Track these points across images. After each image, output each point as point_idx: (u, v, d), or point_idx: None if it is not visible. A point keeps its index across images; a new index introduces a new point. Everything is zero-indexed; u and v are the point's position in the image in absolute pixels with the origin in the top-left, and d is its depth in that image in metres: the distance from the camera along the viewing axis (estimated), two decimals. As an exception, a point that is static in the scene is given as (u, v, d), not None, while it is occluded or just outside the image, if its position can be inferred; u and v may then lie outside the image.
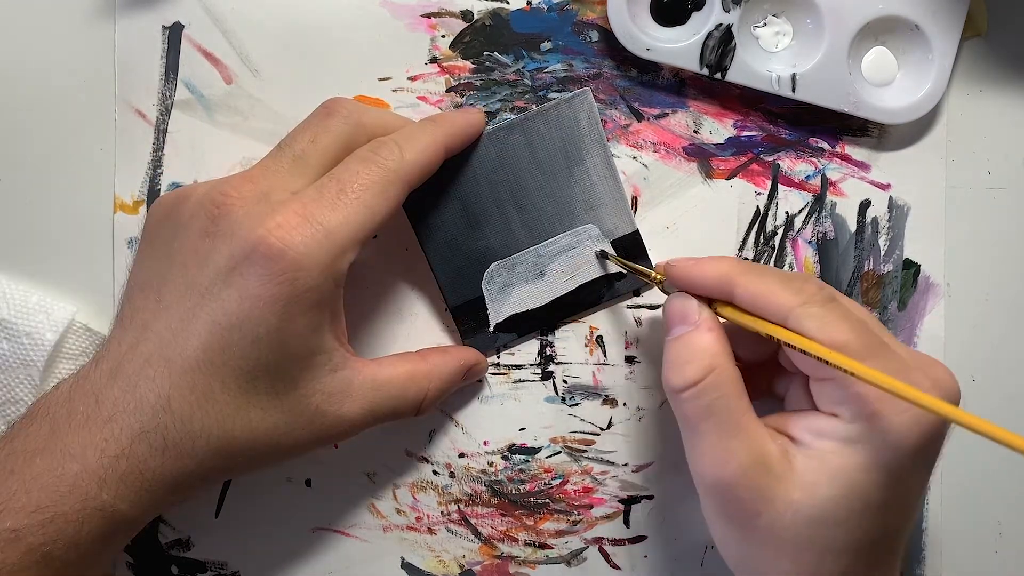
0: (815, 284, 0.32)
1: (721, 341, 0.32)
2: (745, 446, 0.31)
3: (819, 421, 0.31)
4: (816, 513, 0.30)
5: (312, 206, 0.31)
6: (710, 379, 0.31)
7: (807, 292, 0.31)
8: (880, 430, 0.29)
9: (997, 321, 0.41)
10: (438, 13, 0.39)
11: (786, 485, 0.30)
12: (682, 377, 0.32)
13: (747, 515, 0.31)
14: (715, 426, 0.31)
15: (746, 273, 0.32)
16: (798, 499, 0.30)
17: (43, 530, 0.30)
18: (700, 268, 0.33)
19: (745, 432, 0.31)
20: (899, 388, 0.28)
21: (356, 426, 0.33)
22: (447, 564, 0.40)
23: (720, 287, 0.32)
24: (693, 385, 0.31)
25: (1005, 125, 0.41)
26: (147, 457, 0.31)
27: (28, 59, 0.38)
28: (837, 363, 0.29)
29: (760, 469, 0.30)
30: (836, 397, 0.30)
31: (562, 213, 0.38)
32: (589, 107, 0.38)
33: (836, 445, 0.30)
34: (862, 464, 0.29)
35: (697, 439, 0.32)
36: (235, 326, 0.30)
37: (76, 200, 0.38)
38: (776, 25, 0.39)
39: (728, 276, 0.32)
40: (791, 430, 0.32)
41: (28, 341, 0.37)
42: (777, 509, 0.30)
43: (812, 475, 0.30)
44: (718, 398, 0.31)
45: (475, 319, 0.38)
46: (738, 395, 0.31)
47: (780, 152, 0.40)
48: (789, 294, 0.31)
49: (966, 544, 0.41)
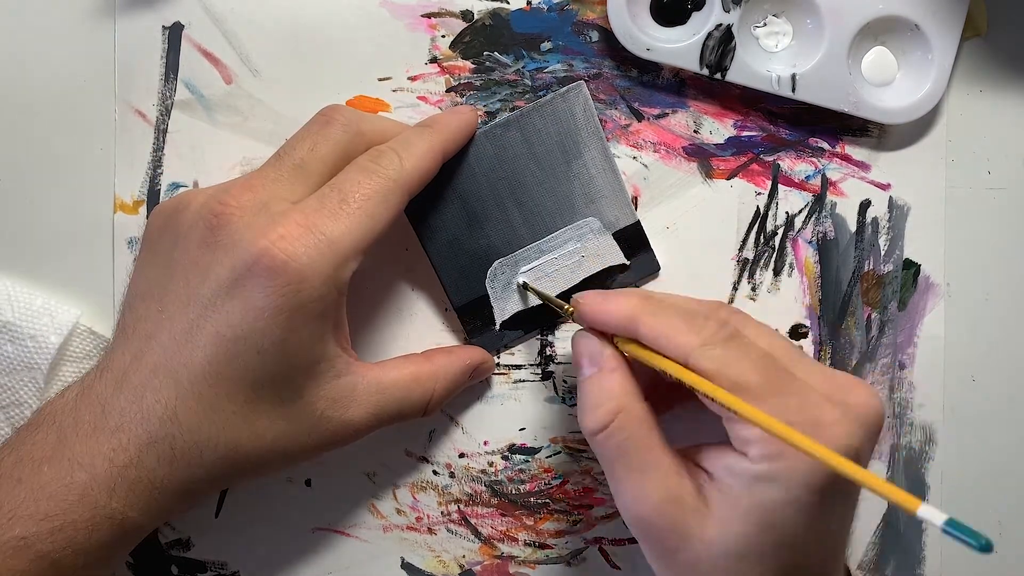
0: (717, 321, 0.31)
1: (626, 381, 0.32)
2: (658, 484, 0.31)
3: (730, 458, 0.31)
4: (731, 549, 0.30)
5: (314, 216, 0.31)
6: (618, 421, 0.31)
7: (708, 331, 0.31)
8: (786, 469, 0.29)
9: (997, 321, 0.41)
10: (438, 13, 0.39)
11: (700, 521, 0.30)
12: (593, 420, 0.32)
13: (667, 550, 0.31)
14: (628, 466, 0.31)
15: (648, 313, 0.32)
16: (713, 535, 0.30)
17: (52, 538, 0.30)
18: (605, 305, 0.33)
19: (657, 471, 0.31)
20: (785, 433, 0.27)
21: (362, 430, 0.34)
22: (447, 564, 0.40)
23: (624, 325, 0.32)
24: (604, 428, 0.32)
25: (1005, 125, 0.41)
26: (155, 467, 0.31)
27: (28, 59, 0.38)
28: (732, 406, 0.29)
29: (674, 506, 0.30)
30: (743, 436, 0.30)
31: (562, 208, 0.38)
32: (584, 100, 0.38)
33: (746, 483, 0.30)
34: (772, 502, 0.29)
35: (614, 478, 0.32)
36: (240, 338, 0.30)
37: (76, 200, 0.38)
38: (776, 25, 0.39)
39: (632, 315, 0.32)
40: (707, 464, 0.32)
41: (32, 344, 0.37)
42: (694, 545, 0.30)
43: (726, 511, 0.30)
44: (626, 439, 0.31)
45: (480, 318, 0.38)
46: (647, 433, 0.32)
47: (780, 152, 0.40)
48: (690, 334, 0.31)
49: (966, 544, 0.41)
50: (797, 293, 0.40)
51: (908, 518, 0.41)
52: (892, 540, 0.41)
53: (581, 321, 0.34)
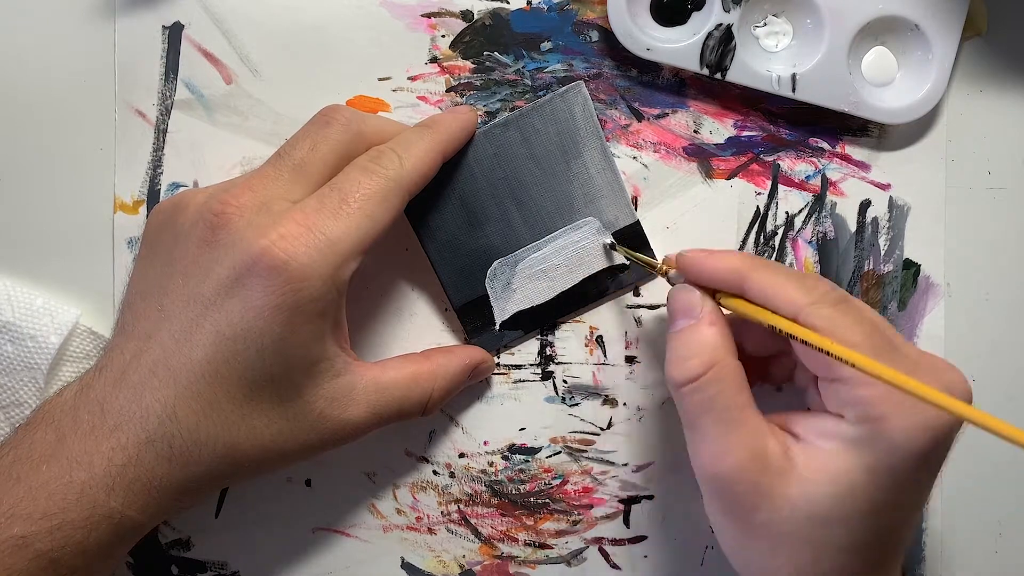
0: (828, 284, 0.31)
1: (724, 335, 0.32)
2: (744, 441, 0.30)
3: (824, 421, 0.31)
4: (815, 511, 0.30)
5: (314, 216, 0.31)
6: (711, 374, 0.31)
7: (819, 291, 0.31)
8: (885, 433, 0.29)
9: (997, 321, 0.41)
10: (438, 13, 0.39)
11: (785, 482, 0.30)
12: (683, 371, 0.31)
13: (744, 510, 0.31)
14: (715, 421, 0.31)
15: (758, 268, 0.32)
16: (797, 496, 0.30)
17: (51, 537, 0.30)
18: (712, 260, 0.33)
19: (745, 428, 0.31)
20: (910, 385, 0.27)
21: (361, 429, 0.34)
22: (447, 564, 0.40)
23: (731, 280, 0.32)
24: (694, 380, 0.31)
25: (1005, 125, 0.41)
26: (154, 465, 0.31)
27: (28, 59, 0.38)
28: (849, 359, 0.29)
29: (759, 465, 0.30)
30: (843, 398, 0.30)
31: (562, 207, 0.38)
32: (583, 100, 0.38)
33: (840, 446, 0.30)
34: (865, 466, 0.29)
35: (697, 433, 0.32)
36: (239, 337, 0.30)
37: (76, 200, 0.38)
38: (776, 25, 0.39)
39: (740, 270, 0.32)
40: (795, 428, 0.31)
41: (32, 344, 0.37)
42: (775, 505, 0.30)
43: (813, 473, 0.30)
44: (718, 393, 0.31)
45: (480, 318, 0.38)
46: (739, 390, 0.31)
47: (780, 152, 0.40)
48: (801, 292, 0.31)
49: (966, 544, 0.41)
50: (797, 293, 0.40)
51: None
52: (892, 540, 0.41)
53: (684, 275, 0.34)
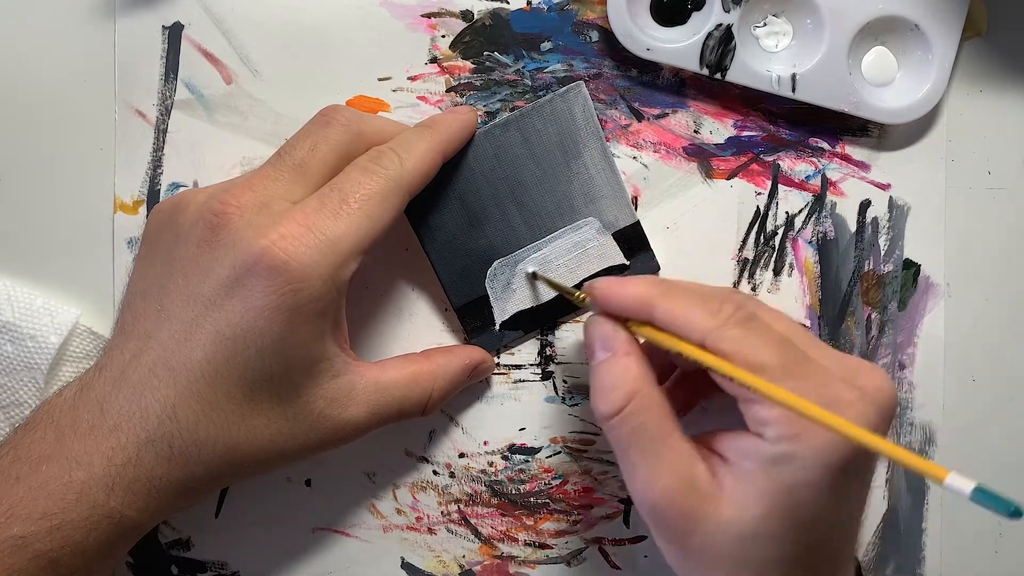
0: (733, 303, 0.31)
1: (641, 365, 0.32)
2: (671, 469, 0.31)
3: (745, 441, 0.31)
4: (746, 531, 0.30)
5: (314, 216, 0.31)
6: (633, 405, 0.31)
7: (724, 313, 0.31)
8: (803, 450, 0.29)
9: (997, 321, 0.41)
10: (438, 13, 0.39)
11: (715, 505, 0.30)
12: (606, 404, 0.32)
13: (680, 534, 0.31)
14: (641, 450, 0.31)
15: (665, 295, 0.32)
16: (728, 518, 0.30)
17: (50, 537, 0.30)
18: (620, 289, 0.33)
19: (671, 455, 0.31)
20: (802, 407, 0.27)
21: (360, 429, 0.34)
22: (447, 564, 0.40)
23: (639, 309, 0.32)
24: (618, 412, 0.31)
25: (1005, 125, 0.41)
26: (154, 465, 0.31)
27: (28, 59, 0.38)
28: (750, 384, 0.29)
29: (687, 490, 0.30)
30: (760, 418, 0.30)
31: (562, 208, 0.38)
32: (583, 100, 0.38)
33: (762, 465, 0.30)
34: (788, 484, 0.29)
35: (627, 463, 0.32)
36: (239, 337, 0.30)
37: (76, 200, 0.38)
38: (776, 25, 0.39)
39: (646, 298, 0.32)
40: (721, 449, 0.32)
41: (32, 344, 0.37)
42: (708, 528, 0.30)
43: (740, 495, 0.30)
44: (642, 424, 0.31)
45: (480, 318, 0.38)
46: (662, 418, 0.31)
47: (780, 152, 0.40)
48: (706, 316, 0.31)
49: (966, 544, 0.41)
50: (797, 293, 0.40)
51: (908, 518, 0.41)
52: (892, 540, 0.41)
53: (595, 305, 0.34)
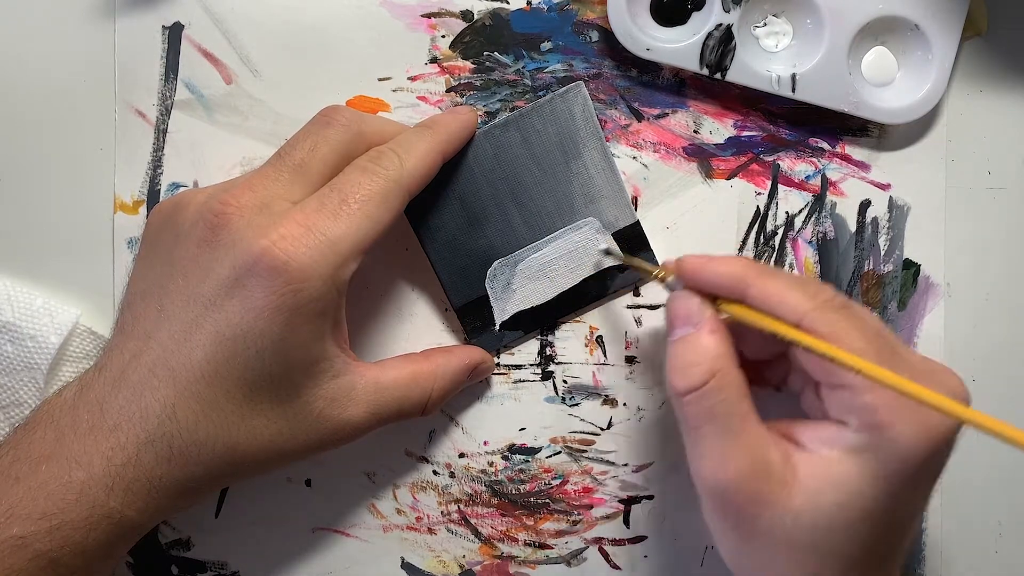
0: (830, 290, 0.31)
1: (725, 343, 0.32)
2: (745, 451, 0.30)
3: (826, 429, 0.31)
4: (817, 519, 0.30)
5: (314, 217, 0.31)
6: (713, 383, 0.31)
7: (822, 297, 0.31)
8: (887, 440, 0.29)
9: (997, 321, 0.41)
10: (438, 13, 0.39)
11: (787, 490, 0.30)
12: (686, 380, 0.31)
13: (746, 518, 0.31)
14: (716, 430, 0.31)
15: (761, 274, 0.32)
16: (799, 505, 0.30)
17: (50, 537, 0.30)
18: (712, 266, 0.32)
19: (746, 436, 0.31)
20: (917, 390, 0.27)
21: (360, 429, 0.34)
22: (447, 564, 0.40)
23: (732, 287, 0.32)
24: (697, 388, 0.31)
25: (1005, 125, 0.41)
26: (154, 465, 0.31)
27: (28, 59, 0.38)
28: (856, 366, 0.29)
29: (760, 474, 0.30)
30: (845, 405, 0.30)
31: (562, 208, 0.38)
32: (583, 100, 0.38)
33: (842, 454, 0.30)
34: (867, 474, 0.29)
35: (698, 442, 0.31)
36: (239, 337, 0.30)
37: (76, 200, 0.38)
38: (776, 25, 0.39)
39: (742, 276, 0.32)
40: (797, 436, 0.31)
41: (32, 344, 0.37)
42: (777, 514, 0.30)
43: (815, 482, 0.30)
44: (720, 402, 0.31)
45: (480, 318, 0.38)
46: (740, 399, 0.31)
47: (780, 152, 0.40)
48: (804, 298, 0.31)
49: (966, 544, 0.41)
50: (797, 293, 0.40)
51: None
52: (892, 540, 0.41)
53: (678, 283, 0.34)
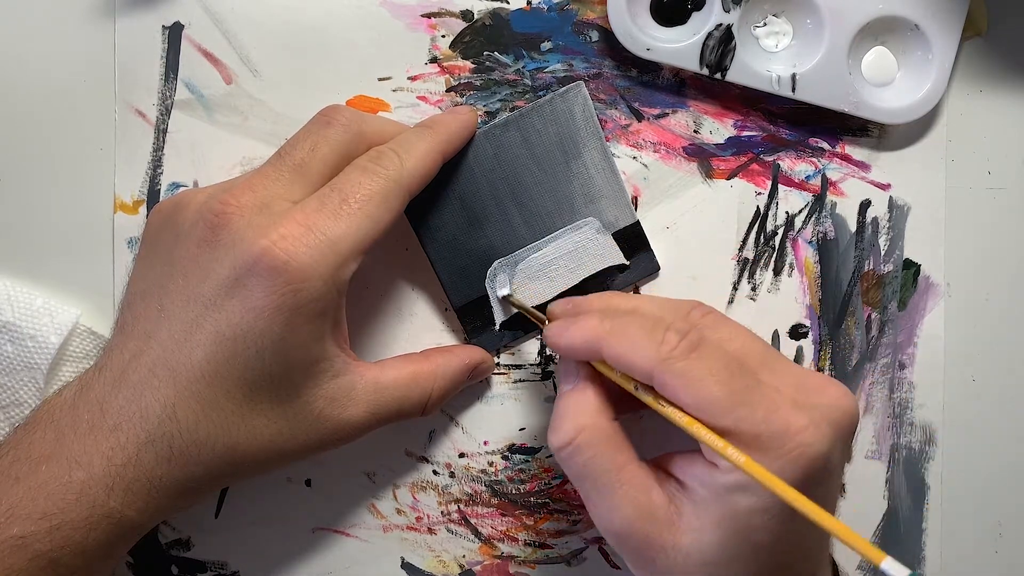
0: (677, 331, 0.30)
1: (597, 398, 0.32)
2: (627, 500, 0.31)
3: (700, 468, 0.31)
4: (707, 557, 0.30)
5: (314, 216, 0.31)
6: (581, 438, 0.31)
7: (668, 345, 0.30)
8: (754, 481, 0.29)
9: (997, 321, 0.41)
10: (438, 13, 0.39)
11: (673, 532, 0.30)
12: (556, 437, 0.32)
13: (644, 561, 0.31)
14: (595, 483, 0.31)
15: (611, 333, 0.31)
16: (687, 544, 0.30)
17: (50, 537, 0.30)
18: (568, 335, 0.32)
19: (626, 486, 0.31)
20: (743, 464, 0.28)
21: (360, 429, 0.34)
22: (447, 564, 0.40)
23: (589, 351, 0.32)
24: (566, 445, 0.31)
25: (1005, 125, 0.41)
26: (154, 465, 0.31)
27: (28, 59, 0.38)
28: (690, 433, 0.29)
29: (646, 519, 0.30)
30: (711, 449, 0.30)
31: (562, 208, 0.38)
32: (583, 100, 0.38)
33: (718, 493, 0.30)
34: (744, 510, 0.29)
35: (584, 495, 0.32)
36: (239, 337, 0.30)
37: (76, 200, 0.38)
38: (776, 25, 0.39)
39: (593, 339, 0.32)
40: (678, 474, 0.31)
41: (32, 344, 0.37)
42: (668, 555, 0.30)
43: (698, 521, 0.30)
44: (592, 457, 0.31)
45: (480, 318, 0.38)
46: (615, 450, 0.31)
47: (780, 152, 0.40)
48: (651, 350, 0.30)
49: (966, 544, 0.41)
50: (797, 293, 0.40)
51: (908, 518, 0.41)
52: (892, 540, 0.41)
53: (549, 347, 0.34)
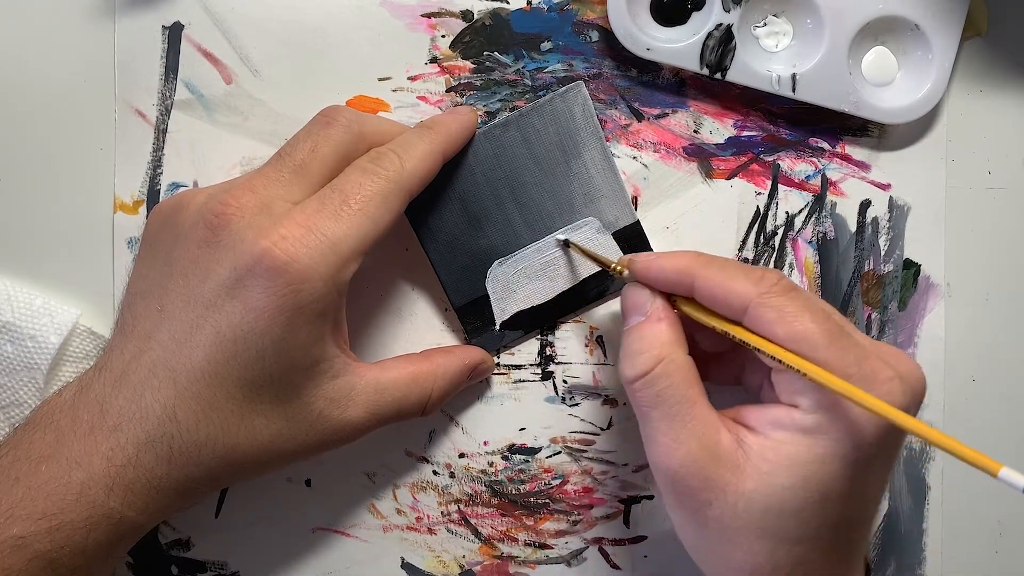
0: (775, 274, 0.31)
1: (672, 330, 0.32)
2: (695, 435, 0.30)
3: (778, 411, 0.30)
4: (770, 503, 0.29)
5: (315, 217, 0.31)
6: (659, 368, 0.31)
7: (768, 281, 0.31)
8: (839, 421, 0.29)
9: (997, 321, 0.41)
10: (438, 13, 0.39)
11: (738, 474, 0.30)
12: (633, 367, 0.32)
13: (699, 504, 0.30)
14: (664, 415, 0.31)
15: (706, 266, 0.32)
16: (751, 489, 0.30)
17: (50, 537, 0.30)
18: (660, 262, 0.33)
19: (695, 421, 0.31)
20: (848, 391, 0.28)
21: (360, 429, 0.34)
22: (447, 564, 0.40)
23: (680, 281, 0.32)
24: (643, 375, 0.31)
25: (1005, 125, 0.41)
26: (154, 466, 0.31)
27: (28, 59, 0.38)
28: (789, 362, 0.29)
29: (710, 458, 0.30)
30: (796, 387, 0.30)
31: (562, 208, 0.38)
32: (583, 100, 0.38)
33: (794, 435, 0.30)
34: (820, 455, 0.29)
35: (648, 428, 0.32)
36: (240, 338, 0.30)
37: (76, 200, 0.38)
38: (776, 25, 0.39)
39: (688, 269, 0.32)
40: (749, 420, 0.31)
41: (32, 344, 0.37)
42: (728, 499, 0.30)
43: (767, 465, 0.30)
44: (667, 387, 0.31)
45: (480, 318, 0.38)
46: (688, 384, 0.31)
47: (780, 152, 0.40)
48: (749, 284, 0.31)
49: (966, 544, 0.41)
50: (797, 293, 0.40)
51: (908, 518, 0.41)
52: (893, 540, 0.41)
53: (634, 277, 0.34)
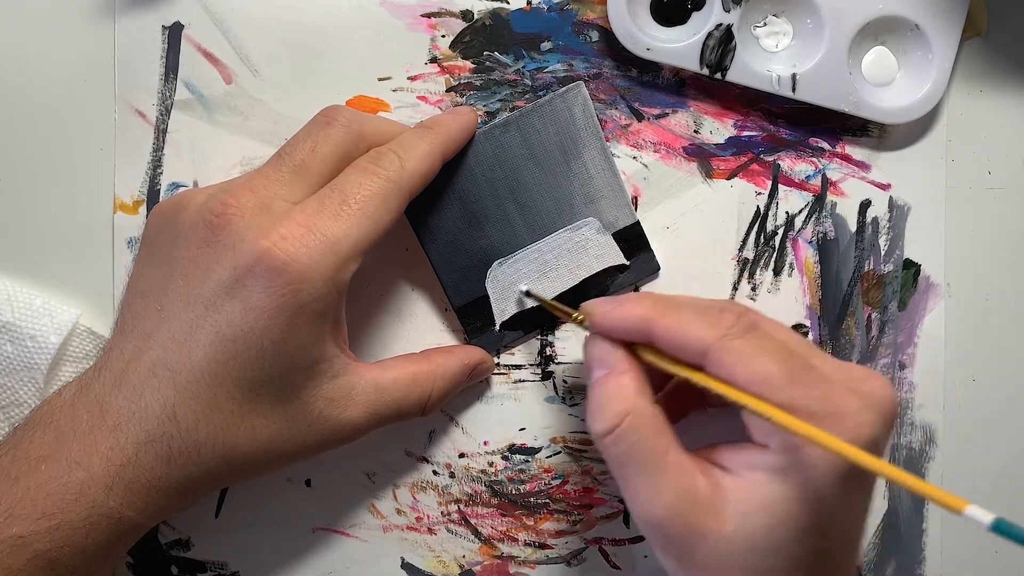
0: (732, 314, 0.31)
1: (636, 382, 0.32)
2: (671, 485, 0.30)
3: (749, 452, 0.31)
4: (753, 543, 0.30)
5: (315, 217, 0.31)
6: (626, 423, 0.31)
7: (725, 323, 0.30)
8: (807, 460, 0.29)
9: (997, 321, 0.41)
10: (438, 13, 0.39)
11: (718, 518, 0.30)
12: (600, 422, 0.31)
13: (683, 551, 0.30)
14: (638, 470, 0.31)
15: (663, 313, 0.31)
16: (731, 532, 0.30)
17: (49, 537, 0.30)
18: (617, 312, 0.32)
19: (670, 469, 0.30)
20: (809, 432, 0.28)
21: (360, 429, 0.34)
22: (447, 564, 0.40)
23: (640, 329, 0.32)
24: (611, 431, 0.31)
25: (1005, 125, 0.41)
26: (153, 465, 0.31)
27: (28, 59, 0.38)
28: (751, 407, 0.29)
29: (688, 505, 0.30)
30: (765, 428, 0.30)
31: (562, 208, 0.38)
32: (583, 100, 0.38)
33: (767, 476, 0.30)
34: (791, 494, 0.29)
35: (625, 482, 0.31)
36: (239, 338, 0.30)
37: (76, 200, 0.38)
38: (776, 25, 0.39)
39: (645, 317, 0.32)
40: (723, 461, 0.31)
41: (32, 344, 0.37)
42: (711, 543, 0.30)
43: (743, 506, 0.30)
44: (636, 442, 0.31)
45: (480, 318, 0.38)
46: (657, 434, 0.31)
47: (780, 152, 0.40)
48: (706, 328, 0.30)
49: (966, 544, 0.41)
50: (797, 293, 0.40)
51: (908, 518, 0.41)
52: (892, 540, 0.41)
53: (593, 329, 0.34)
